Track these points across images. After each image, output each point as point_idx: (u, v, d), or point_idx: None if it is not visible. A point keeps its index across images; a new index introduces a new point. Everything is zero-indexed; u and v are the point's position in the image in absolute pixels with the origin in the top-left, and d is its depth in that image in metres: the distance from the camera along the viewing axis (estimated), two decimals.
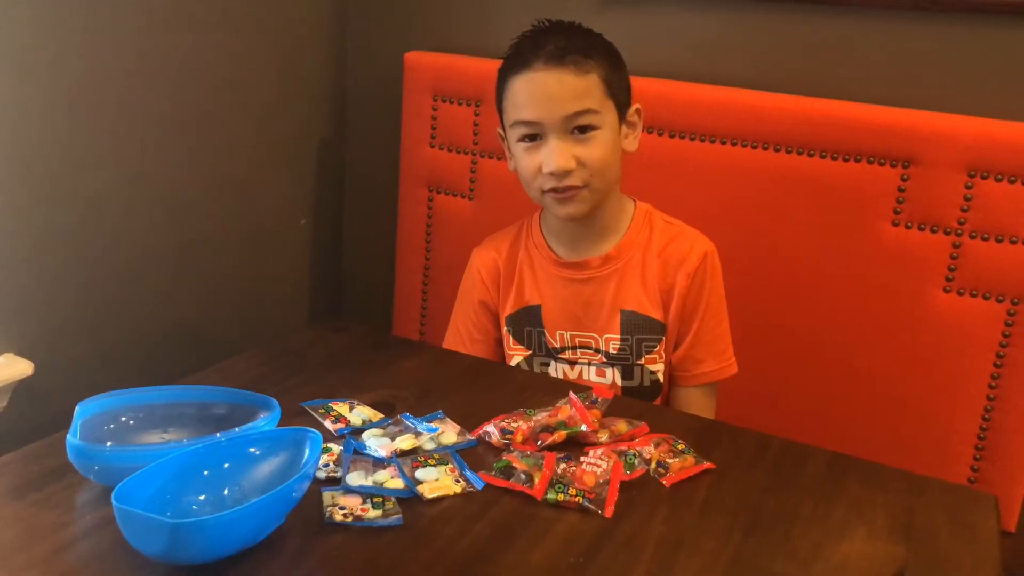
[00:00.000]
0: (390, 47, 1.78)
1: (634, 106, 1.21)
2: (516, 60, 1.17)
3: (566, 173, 1.13)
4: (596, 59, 1.15)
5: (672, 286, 1.21)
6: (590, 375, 1.24)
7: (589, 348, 1.23)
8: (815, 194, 1.43)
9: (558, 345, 1.24)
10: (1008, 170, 1.31)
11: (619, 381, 1.22)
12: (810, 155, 1.43)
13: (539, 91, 1.14)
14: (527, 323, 1.25)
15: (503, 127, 1.23)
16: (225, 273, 1.68)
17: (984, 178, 1.33)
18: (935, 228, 1.37)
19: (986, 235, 1.34)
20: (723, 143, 1.48)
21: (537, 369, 1.26)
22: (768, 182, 1.46)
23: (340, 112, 1.90)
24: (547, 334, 1.24)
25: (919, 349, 1.40)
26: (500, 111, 1.22)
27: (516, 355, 1.26)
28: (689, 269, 1.21)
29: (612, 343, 1.22)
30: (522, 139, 1.17)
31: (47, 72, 1.31)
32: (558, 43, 1.14)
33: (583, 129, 1.14)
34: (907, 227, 1.39)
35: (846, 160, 1.41)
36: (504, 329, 1.27)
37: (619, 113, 1.18)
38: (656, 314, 1.21)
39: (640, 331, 1.21)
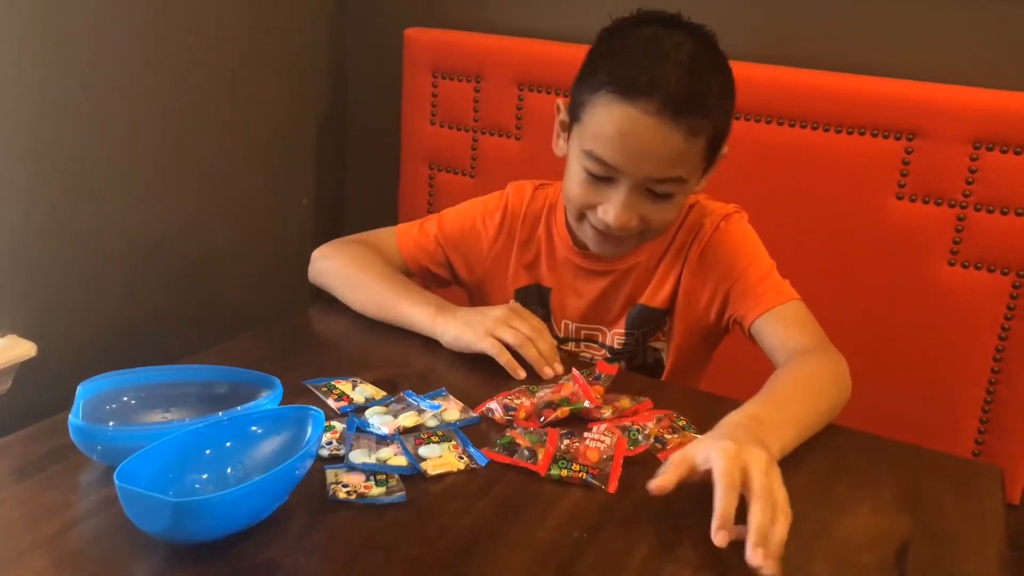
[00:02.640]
0: (390, 23, 1.77)
1: (724, 150, 1.06)
2: (627, 76, 0.96)
3: (624, 230, 1.03)
4: (714, 116, 0.99)
5: (686, 263, 1.14)
6: None
7: (594, 342, 1.20)
8: (819, 168, 1.43)
9: (561, 335, 1.21)
10: (1014, 141, 1.30)
11: (624, 366, 1.20)
12: (813, 128, 1.42)
13: (635, 141, 0.97)
14: (535, 302, 1.21)
15: (569, 119, 1.06)
16: (227, 253, 1.68)
17: (990, 150, 1.32)
18: (940, 201, 1.37)
19: (991, 207, 1.34)
20: None
21: None
22: (771, 156, 1.45)
23: (340, 90, 1.89)
24: (552, 320, 1.21)
25: (924, 322, 1.40)
26: (575, 105, 1.04)
27: None
28: (702, 239, 1.13)
29: (617, 339, 1.18)
30: (589, 172, 1.02)
31: (47, 57, 1.30)
32: (681, 82, 0.95)
33: (662, 192, 1.01)
34: (912, 200, 1.38)
35: (850, 133, 1.40)
36: (511, 300, 1.23)
37: (707, 170, 1.06)
38: (664, 303, 1.16)
39: (645, 324, 1.17)
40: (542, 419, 0.94)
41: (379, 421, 0.92)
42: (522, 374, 1.02)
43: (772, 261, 1.12)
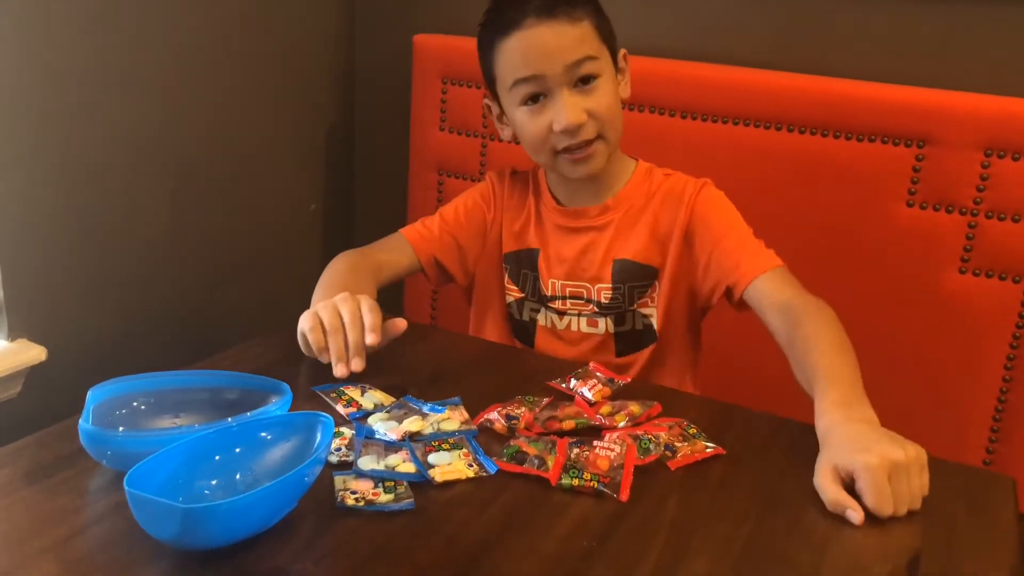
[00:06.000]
0: (399, 29, 1.77)
1: (621, 51, 1.18)
2: (501, 22, 1.13)
3: (579, 127, 1.11)
4: (583, 6, 1.12)
5: (672, 224, 1.19)
6: (580, 326, 1.23)
7: (580, 299, 1.22)
8: (829, 175, 1.42)
9: (549, 294, 1.24)
10: None
11: (611, 329, 1.22)
12: (824, 135, 1.41)
13: (537, 45, 1.10)
14: (525, 265, 1.25)
15: (494, 96, 1.20)
16: (236, 258, 1.68)
17: (1001, 157, 1.31)
18: (951, 208, 1.36)
19: (1002, 215, 1.33)
20: (735, 124, 1.47)
21: (527, 314, 1.26)
22: (782, 163, 1.45)
23: (349, 96, 1.89)
24: (541, 281, 1.24)
25: (934, 330, 1.39)
26: (491, 79, 1.18)
27: (510, 295, 1.27)
28: (687, 201, 1.19)
29: (604, 292, 1.21)
30: (525, 101, 1.13)
31: (52, 62, 1.31)
32: None
33: (586, 80, 1.11)
34: (922, 207, 1.38)
35: (860, 140, 1.39)
36: (503, 266, 1.27)
37: (614, 59, 1.16)
38: (649, 259, 1.20)
39: (631, 278, 1.20)
40: (545, 429, 0.94)
41: (384, 427, 0.91)
42: (324, 358, 1.01)
43: (749, 228, 1.18)
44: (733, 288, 1.15)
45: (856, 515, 0.81)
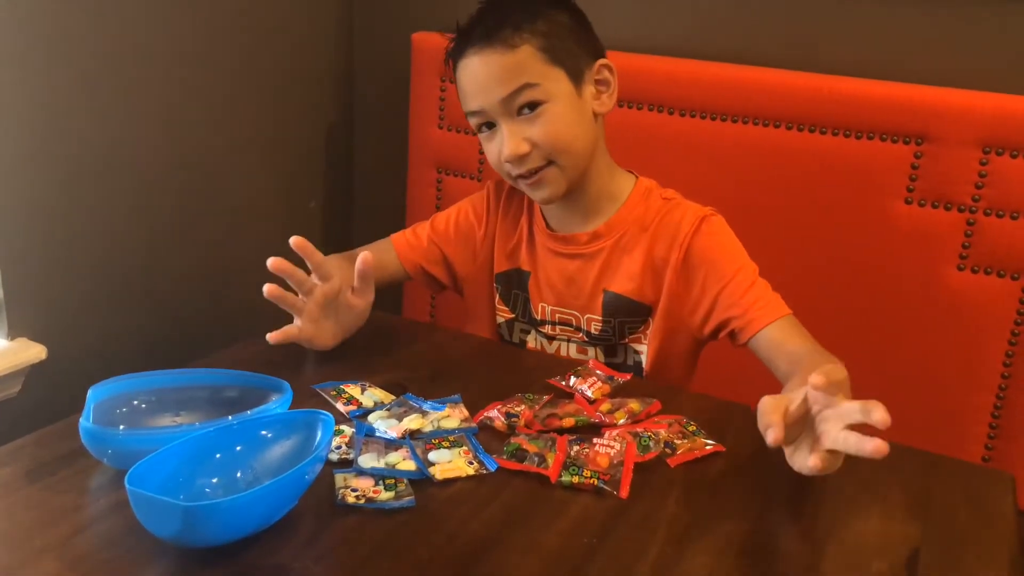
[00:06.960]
0: (397, 28, 1.77)
1: (598, 62, 1.12)
2: (455, 45, 1.12)
3: (521, 157, 1.08)
4: (530, 28, 1.07)
5: (665, 263, 1.13)
6: (569, 352, 1.21)
7: (569, 326, 1.20)
8: (827, 172, 1.42)
9: (539, 318, 1.22)
10: (1023, 146, 1.30)
11: (602, 358, 1.20)
12: (822, 132, 1.41)
13: (473, 79, 1.10)
14: (516, 286, 1.23)
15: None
16: (235, 257, 1.68)
17: (999, 154, 1.32)
18: (949, 205, 1.36)
19: (1001, 212, 1.33)
20: (733, 121, 1.47)
21: (516, 335, 1.25)
22: (779, 160, 1.45)
23: (348, 94, 1.89)
24: (531, 303, 1.22)
25: (933, 327, 1.40)
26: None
27: (500, 315, 1.26)
28: (682, 240, 1.12)
29: (594, 324, 1.18)
30: (480, 128, 1.13)
31: (50, 59, 1.30)
32: (492, 20, 1.08)
33: (531, 106, 1.07)
34: (920, 205, 1.38)
35: (858, 137, 1.39)
36: (493, 286, 1.26)
37: (574, 77, 1.09)
38: (643, 296, 1.15)
39: (623, 314, 1.16)
40: (544, 425, 0.94)
41: (384, 425, 0.92)
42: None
43: (755, 265, 1.12)
44: (739, 332, 1.10)
45: (772, 435, 0.79)
